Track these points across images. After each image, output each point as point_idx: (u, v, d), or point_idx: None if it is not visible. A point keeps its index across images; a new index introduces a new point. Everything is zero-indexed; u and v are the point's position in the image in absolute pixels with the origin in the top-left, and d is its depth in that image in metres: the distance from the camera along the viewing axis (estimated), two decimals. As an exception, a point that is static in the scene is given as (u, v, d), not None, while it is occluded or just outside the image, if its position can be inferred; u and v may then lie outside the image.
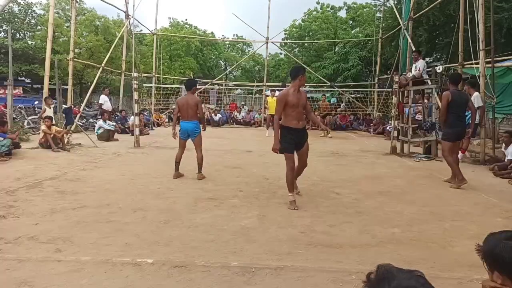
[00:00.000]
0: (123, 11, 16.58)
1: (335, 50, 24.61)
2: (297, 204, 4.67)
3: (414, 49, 12.03)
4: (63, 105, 11.42)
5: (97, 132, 11.47)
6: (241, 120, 19.09)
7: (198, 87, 8.96)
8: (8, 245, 3.27)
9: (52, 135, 8.86)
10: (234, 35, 36.43)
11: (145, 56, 27.32)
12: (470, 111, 6.34)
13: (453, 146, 6.04)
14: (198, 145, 6.32)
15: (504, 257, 1.32)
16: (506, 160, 7.17)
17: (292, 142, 4.71)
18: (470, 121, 7.08)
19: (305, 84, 22.68)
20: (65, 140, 9.34)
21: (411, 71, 9.75)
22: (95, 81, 14.82)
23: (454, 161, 6.01)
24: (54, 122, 9.46)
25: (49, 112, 9.99)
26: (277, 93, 23.72)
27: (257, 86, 23.74)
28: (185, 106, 6.19)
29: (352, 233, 3.84)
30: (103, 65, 15.02)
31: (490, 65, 8.59)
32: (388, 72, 18.01)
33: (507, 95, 11.11)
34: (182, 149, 6.37)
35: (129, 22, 16.93)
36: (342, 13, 28.25)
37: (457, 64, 9.91)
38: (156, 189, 5.49)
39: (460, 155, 7.90)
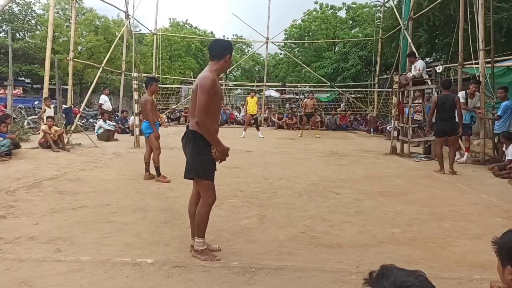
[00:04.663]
0: (123, 11, 16.60)
1: (335, 50, 24.63)
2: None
3: (414, 49, 12.04)
4: (63, 105, 11.42)
5: (97, 132, 11.47)
6: (241, 120, 19.09)
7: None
8: (8, 245, 3.27)
9: (51, 135, 8.85)
10: (234, 35, 36.42)
11: (145, 56, 27.32)
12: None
13: (440, 141, 7.14)
14: (149, 146, 6.23)
15: None
16: (506, 160, 7.18)
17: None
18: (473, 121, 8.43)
19: (305, 84, 23.01)
20: (65, 140, 9.34)
21: (410, 71, 9.76)
22: (95, 81, 14.82)
23: (439, 154, 7.16)
24: (54, 123, 9.46)
25: (50, 112, 9.99)
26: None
27: (257, 86, 23.75)
28: (141, 106, 6.19)
29: (352, 233, 3.83)
30: (103, 65, 15.02)
31: (490, 65, 8.59)
32: (388, 72, 18.03)
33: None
34: (148, 148, 6.28)
35: (129, 22, 16.93)
36: (342, 13, 28.29)
37: (457, 64, 9.91)
38: (156, 189, 5.49)
39: (463, 157, 8.23)
